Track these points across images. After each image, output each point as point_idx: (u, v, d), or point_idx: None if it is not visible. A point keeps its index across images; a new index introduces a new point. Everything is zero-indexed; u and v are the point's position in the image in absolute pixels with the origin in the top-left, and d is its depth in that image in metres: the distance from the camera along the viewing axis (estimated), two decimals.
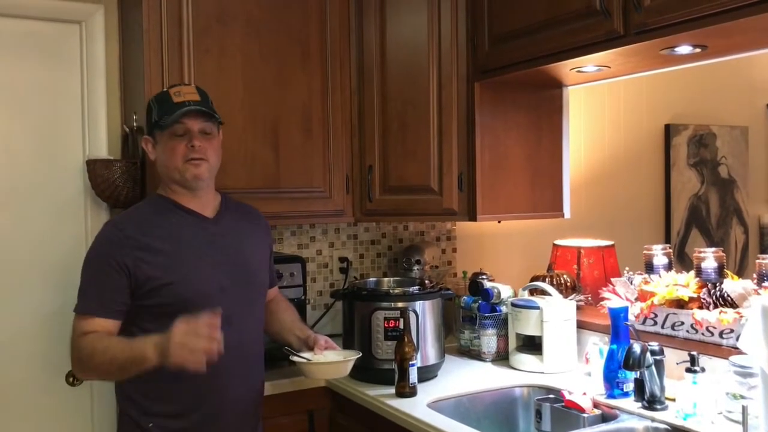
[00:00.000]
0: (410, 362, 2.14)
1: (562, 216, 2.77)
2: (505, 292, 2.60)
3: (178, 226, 1.92)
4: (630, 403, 2.01)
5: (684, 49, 1.99)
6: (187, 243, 1.91)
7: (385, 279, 2.68)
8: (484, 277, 2.73)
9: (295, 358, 2.00)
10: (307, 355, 2.02)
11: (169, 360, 1.67)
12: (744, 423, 1.66)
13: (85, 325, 1.82)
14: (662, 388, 1.96)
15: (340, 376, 2.11)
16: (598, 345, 2.27)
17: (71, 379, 2.51)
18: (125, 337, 1.82)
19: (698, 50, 2.00)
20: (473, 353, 2.63)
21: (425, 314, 2.34)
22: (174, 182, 1.94)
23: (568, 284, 2.67)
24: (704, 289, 2.14)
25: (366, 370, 2.26)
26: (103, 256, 1.85)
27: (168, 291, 1.83)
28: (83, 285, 1.87)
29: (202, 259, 1.90)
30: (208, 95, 1.99)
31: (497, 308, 2.58)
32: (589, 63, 2.23)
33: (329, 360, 2.01)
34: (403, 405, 2.08)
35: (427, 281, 2.47)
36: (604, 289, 2.40)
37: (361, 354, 2.09)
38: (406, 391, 2.15)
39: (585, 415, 1.99)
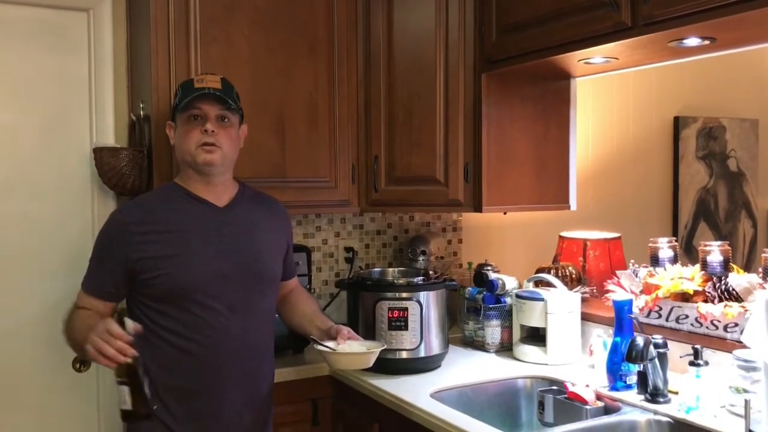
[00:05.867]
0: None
1: (568, 208, 2.76)
2: (510, 283, 2.60)
3: (184, 214, 1.93)
4: (633, 396, 2.01)
5: (692, 42, 1.98)
6: (191, 231, 1.91)
7: (390, 269, 2.68)
8: (489, 268, 2.73)
9: (320, 347, 1.96)
10: (331, 344, 1.98)
11: (83, 352, 1.71)
12: (746, 417, 1.66)
13: (82, 299, 1.93)
14: (665, 381, 1.96)
15: (364, 367, 2.04)
16: (602, 337, 2.27)
17: (78, 365, 2.53)
18: (89, 323, 1.78)
19: (707, 42, 1.98)
20: (477, 344, 2.64)
21: (430, 305, 2.35)
22: (188, 167, 1.96)
23: (573, 276, 2.67)
24: (709, 283, 2.14)
25: None
26: (107, 243, 1.92)
27: (167, 278, 1.85)
28: (90, 262, 1.95)
29: (205, 247, 1.90)
30: (233, 87, 2.01)
31: (502, 299, 2.58)
32: (597, 54, 2.22)
33: (354, 351, 1.98)
34: (407, 395, 2.09)
35: (431, 272, 2.48)
36: (609, 281, 2.40)
37: (385, 345, 2.03)
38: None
39: (588, 407, 1.99)
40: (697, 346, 1.92)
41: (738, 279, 2.08)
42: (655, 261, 2.34)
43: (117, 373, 1.68)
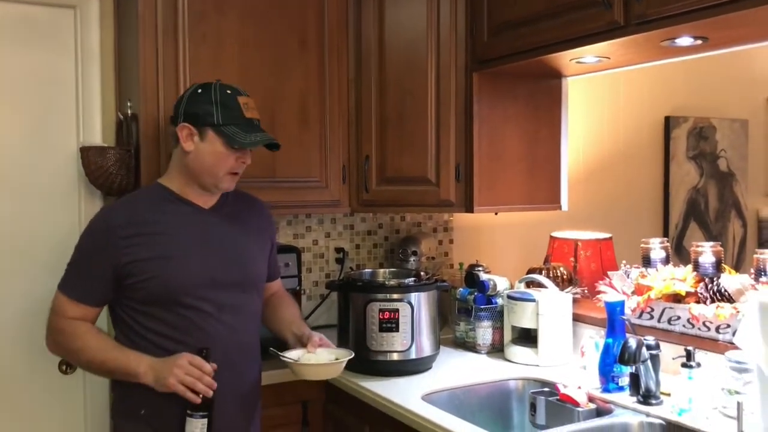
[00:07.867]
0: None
1: (560, 208, 2.76)
2: (501, 284, 2.59)
3: (170, 216, 1.91)
4: (625, 398, 2.00)
5: (684, 41, 1.97)
6: (177, 234, 1.89)
7: (381, 270, 2.66)
8: (480, 268, 2.72)
9: (283, 358, 1.94)
10: (295, 354, 1.96)
11: (163, 385, 1.75)
12: (739, 418, 1.65)
13: (68, 307, 1.87)
14: (657, 383, 1.95)
15: (329, 377, 2.04)
16: (594, 338, 2.26)
17: (64, 367, 2.50)
18: (119, 345, 1.85)
19: (699, 42, 1.98)
20: (468, 345, 2.62)
21: (421, 306, 2.33)
22: (195, 179, 1.92)
23: (565, 277, 2.66)
24: (701, 284, 2.13)
25: (360, 362, 2.24)
26: (92, 246, 1.88)
27: (155, 282, 1.83)
28: (71, 264, 1.90)
29: (193, 249, 1.88)
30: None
31: (493, 300, 2.57)
32: (589, 54, 2.21)
33: (319, 361, 1.95)
34: (398, 397, 2.07)
35: (423, 273, 2.46)
36: (601, 282, 2.39)
37: (353, 355, 2.00)
38: None
39: (579, 409, 1.98)
40: (690, 348, 1.91)
41: (730, 280, 2.08)
42: (647, 262, 2.33)
43: (192, 406, 1.75)
